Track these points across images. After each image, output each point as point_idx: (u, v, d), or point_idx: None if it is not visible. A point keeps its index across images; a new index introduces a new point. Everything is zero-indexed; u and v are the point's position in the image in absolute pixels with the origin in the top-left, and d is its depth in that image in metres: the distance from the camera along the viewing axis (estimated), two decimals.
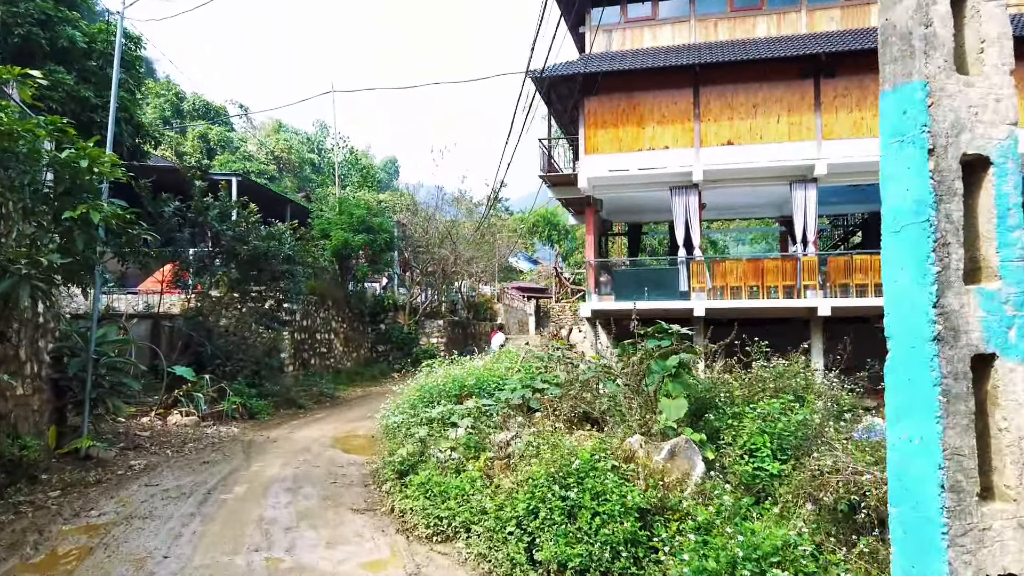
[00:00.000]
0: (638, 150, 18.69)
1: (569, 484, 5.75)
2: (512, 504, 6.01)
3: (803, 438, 6.21)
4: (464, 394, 10.61)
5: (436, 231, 24.53)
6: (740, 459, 6.24)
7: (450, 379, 10.96)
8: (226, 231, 15.62)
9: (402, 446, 8.45)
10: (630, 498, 5.48)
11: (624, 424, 7.02)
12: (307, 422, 14.87)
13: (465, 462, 7.42)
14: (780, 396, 6.91)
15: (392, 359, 23.50)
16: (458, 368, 12.09)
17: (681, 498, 5.73)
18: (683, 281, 18.66)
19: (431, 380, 11.29)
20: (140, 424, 12.84)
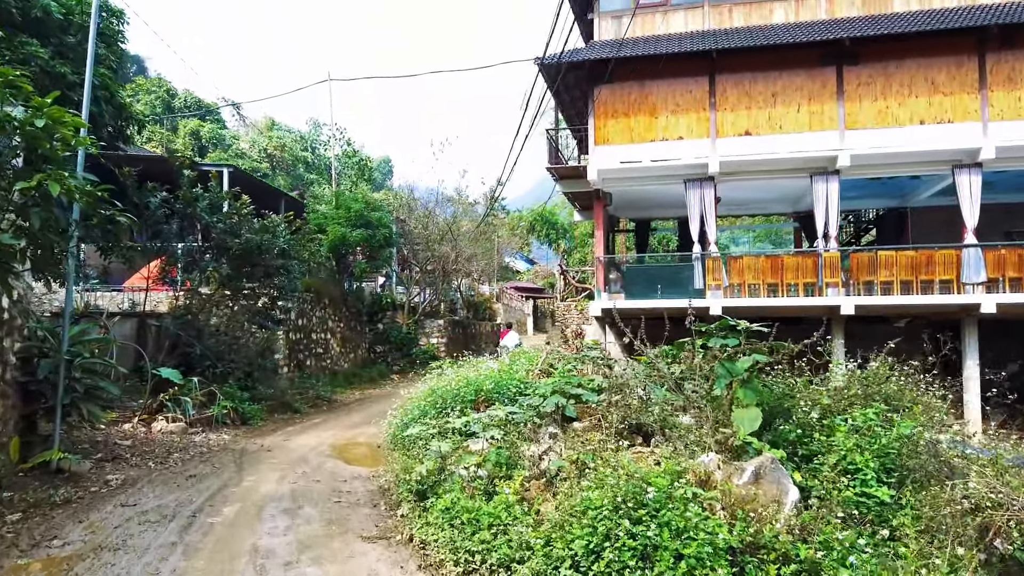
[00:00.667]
0: (651, 141, 17.54)
1: (641, 517, 4.55)
2: (564, 539, 4.81)
3: (911, 456, 5.04)
4: (481, 400, 9.41)
5: (436, 227, 23.28)
6: (835, 482, 5.07)
7: (464, 383, 9.74)
8: (216, 223, 14.34)
9: (419, 462, 7.21)
10: (721, 536, 4.29)
11: (688, 438, 5.82)
12: (304, 428, 13.61)
13: (496, 482, 6.20)
14: (871, 405, 5.74)
15: (391, 360, 22.23)
16: (470, 370, 10.86)
17: (775, 533, 4.55)
18: (698, 278, 17.51)
19: (442, 384, 10.06)
20: (121, 432, 11.54)
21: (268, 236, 14.64)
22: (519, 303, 36.36)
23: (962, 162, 16.02)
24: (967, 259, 15.70)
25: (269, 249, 14.75)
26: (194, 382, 13.11)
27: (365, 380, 19.93)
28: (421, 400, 9.71)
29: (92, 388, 9.56)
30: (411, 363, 22.25)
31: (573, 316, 21.73)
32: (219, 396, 13.31)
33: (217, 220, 14.38)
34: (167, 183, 14.66)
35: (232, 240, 14.21)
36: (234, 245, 14.21)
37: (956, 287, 15.77)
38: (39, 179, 6.04)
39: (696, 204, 17.50)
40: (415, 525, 6.26)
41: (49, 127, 6.07)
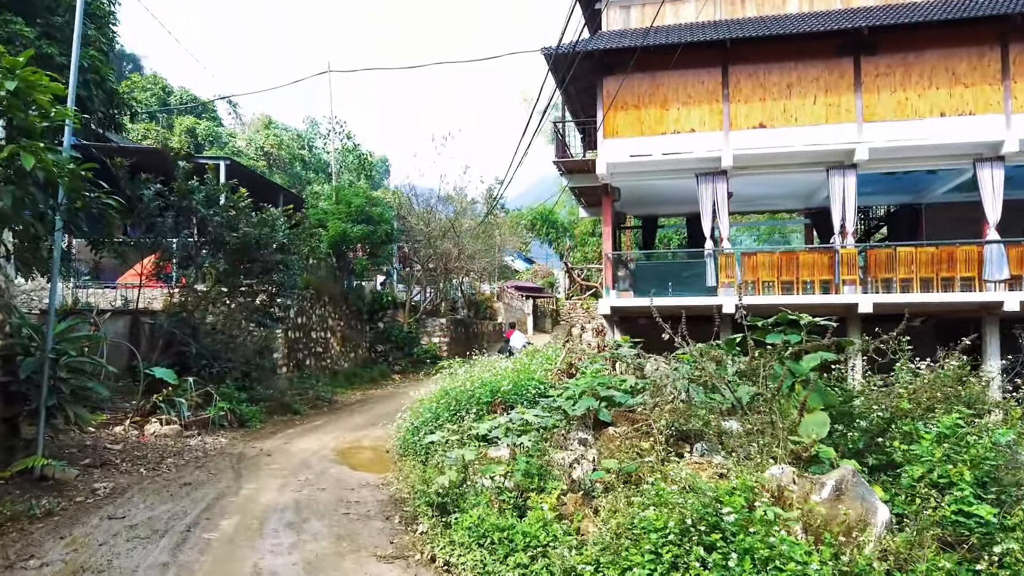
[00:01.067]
0: (661, 133, 16.87)
1: (715, 543, 3.84)
2: (617, 565, 4.10)
3: (1013, 470, 4.35)
4: (498, 402, 8.68)
5: (438, 224, 22.52)
6: (925, 498, 4.37)
7: (478, 383, 9.00)
8: (213, 217, 13.57)
9: (438, 471, 6.46)
10: (813, 567, 3.59)
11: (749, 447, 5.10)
12: (304, 430, 12.86)
13: (527, 495, 5.48)
14: (955, 409, 5.04)
15: (392, 360, 21.46)
16: (483, 370, 10.12)
17: (868, 561, 3.84)
18: (710, 275, 16.84)
19: (455, 385, 9.32)
20: (111, 435, 10.77)
21: (267, 230, 13.88)
22: (519, 302, 35.63)
23: (983, 155, 15.39)
24: (989, 255, 15.08)
25: (268, 244, 14.00)
26: (189, 382, 12.35)
27: (366, 380, 19.17)
28: (433, 402, 8.98)
29: (79, 389, 8.80)
30: (413, 363, 21.50)
31: (579, 315, 21.04)
32: (216, 397, 12.56)
33: (214, 213, 13.61)
34: (162, 176, 13.90)
35: (229, 234, 13.45)
36: (231, 239, 13.45)
37: (978, 284, 15.17)
38: (10, 151, 5.30)
39: (708, 199, 16.82)
40: (437, 544, 5.53)
41: (22, 92, 5.33)
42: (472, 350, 26.84)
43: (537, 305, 38.59)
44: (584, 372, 8.54)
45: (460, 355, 24.70)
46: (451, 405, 8.63)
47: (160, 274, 14.49)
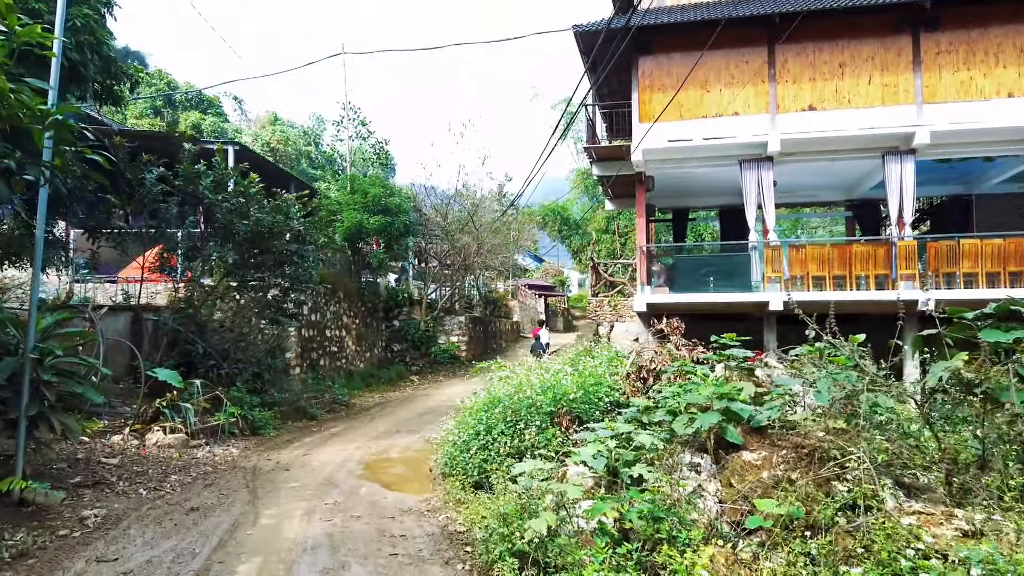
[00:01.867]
0: (702, 117, 15.43)
1: None
2: None
3: None
4: (563, 412, 7.20)
5: (456, 217, 20.99)
6: None
7: (537, 389, 7.50)
8: (222, 203, 12.07)
9: (519, 507, 4.93)
10: None
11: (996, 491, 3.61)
12: (323, 439, 11.38)
13: (654, 546, 4.01)
14: None
15: (409, 360, 19.96)
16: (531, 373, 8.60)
17: None
18: (755, 270, 15.40)
19: (506, 390, 7.80)
20: (108, 446, 9.27)
21: (280, 217, 12.38)
22: (532, 301, 34.14)
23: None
24: None
25: (281, 232, 12.52)
26: (196, 385, 10.86)
27: (383, 381, 17.67)
28: (481, 411, 7.49)
29: (67, 395, 7.31)
30: (430, 363, 20.00)
31: (605, 312, 19.53)
32: (225, 401, 11.07)
33: (222, 199, 12.12)
34: (166, 159, 12.42)
35: (240, 221, 11.95)
36: (242, 228, 11.95)
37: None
38: None
39: (753, 187, 15.36)
40: None
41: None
42: (491, 349, 25.44)
43: (548, 304, 37.13)
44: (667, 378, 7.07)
45: (479, 355, 23.27)
46: (506, 416, 7.14)
47: (164, 267, 12.99)
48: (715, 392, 5.06)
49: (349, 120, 22.74)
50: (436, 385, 18.24)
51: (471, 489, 6.94)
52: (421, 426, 12.52)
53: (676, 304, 15.64)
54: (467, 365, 20.97)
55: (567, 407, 7.18)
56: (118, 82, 10.35)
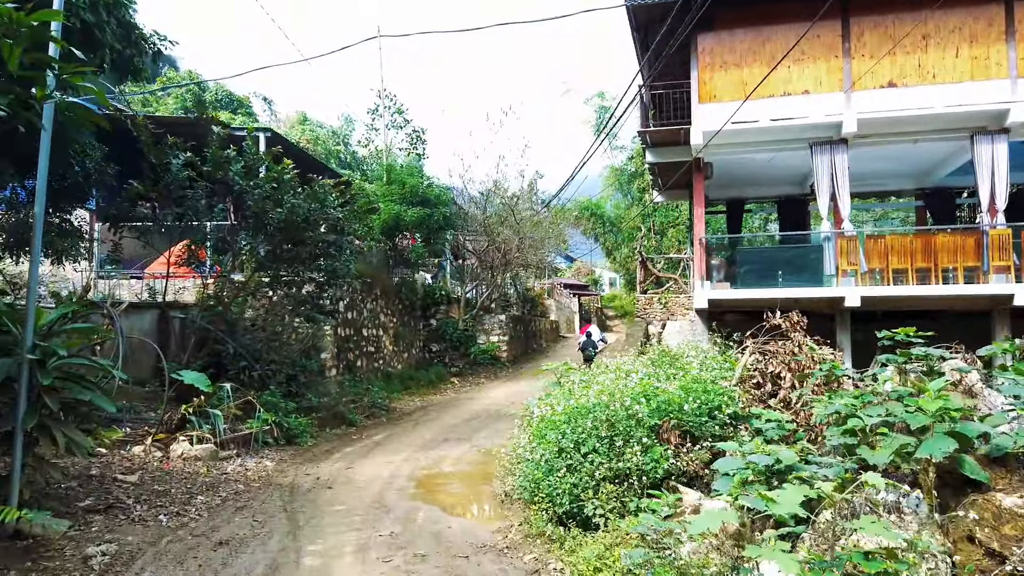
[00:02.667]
0: (768, 96, 13.86)
1: None
2: None
3: None
4: (668, 425, 5.75)
5: (495, 210, 19.57)
6: None
7: (634, 395, 6.03)
8: (253, 190, 10.79)
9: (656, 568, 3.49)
10: None
11: None
12: (365, 448, 10.04)
13: None
14: None
15: (448, 360, 18.60)
16: (616, 377, 7.14)
17: None
18: (828, 262, 13.81)
19: (591, 397, 6.35)
20: (127, 459, 8.01)
21: (317, 205, 11.08)
22: (567, 300, 32.70)
23: None
24: None
25: (317, 222, 11.22)
26: (226, 389, 9.57)
27: (423, 384, 16.32)
28: (564, 423, 6.06)
29: (73, 403, 6.02)
30: (470, 364, 18.61)
31: (656, 311, 18.02)
32: (258, 407, 9.77)
33: (254, 186, 10.84)
34: (192, 143, 11.20)
35: (273, 209, 10.66)
36: (275, 216, 10.66)
37: None
38: None
39: (825, 172, 13.79)
40: None
41: None
42: (531, 349, 24.07)
43: (582, 304, 35.65)
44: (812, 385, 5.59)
45: (519, 355, 21.94)
46: (598, 430, 5.71)
47: (192, 260, 11.76)
48: (941, 408, 3.59)
49: (385, 108, 21.46)
50: (478, 387, 16.86)
51: (557, 520, 5.53)
52: (470, 434, 11.16)
53: (740, 300, 14.15)
54: (508, 366, 19.58)
55: (676, 420, 5.74)
56: (139, 53, 9.09)
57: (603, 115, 35.21)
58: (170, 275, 14.36)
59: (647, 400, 5.85)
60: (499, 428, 11.56)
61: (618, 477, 5.38)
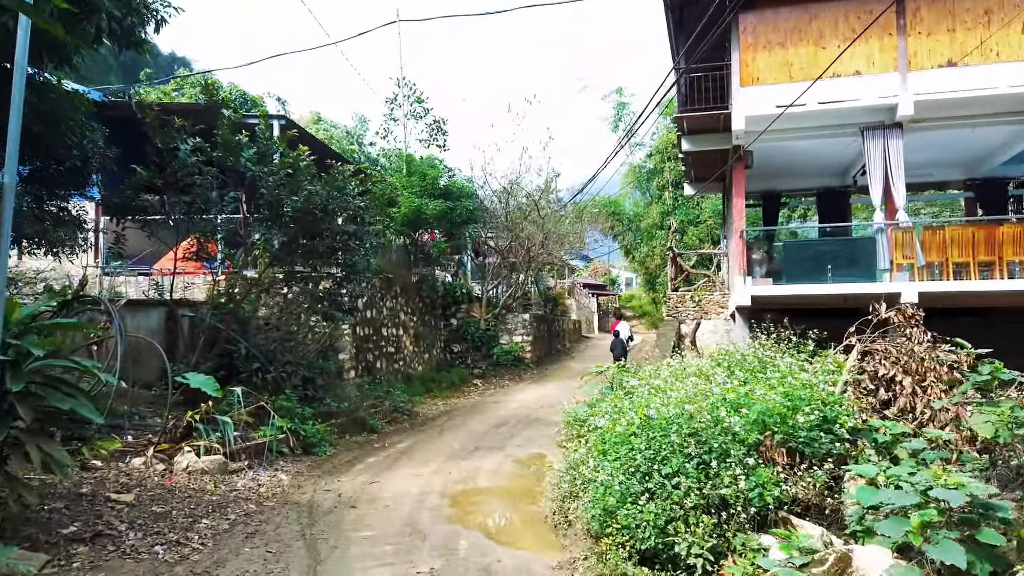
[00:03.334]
0: (816, 78, 12.72)
1: None
2: None
3: None
4: (771, 441, 4.65)
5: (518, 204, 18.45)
6: None
7: (726, 404, 4.92)
8: (267, 177, 9.76)
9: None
10: None
11: None
12: (390, 459, 8.96)
13: None
14: None
15: (471, 361, 17.51)
16: (691, 376, 6.01)
17: None
18: (881, 256, 12.61)
19: (665, 406, 5.25)
20: (126, 473, 6.97)
21: (336, 193, 10.04)
22: (586, 299, 31.59)
23: None
24: None
25: (336, 211, 10.18)
26: (236, 394, 8.51)
27: (444, 386, 15.25)
28: (637, 437, 4.96)
29: (51, 414, 4.99)
30: (493, 365, 17.52)
31: (688, 309, 16.89)
32: (272, 414, 8.72)
33: (268, 172, 9.81)
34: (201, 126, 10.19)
35: (289, 198, 9.63)
36: (291, 205, 9.62)
37: None
38: None
39: (878, 159, 12.62)
40: None
41: None
42: (555, 350, 22.98)
43: (600, 303, 34.51)
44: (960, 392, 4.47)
45: (543, 356, 20.83)
46: (683, 446, 4.61)
47: (201, 254, 10.74)
48: None
49: (404, 97, 20.38)
50: (503, 390, 15.76)
51: (639, 559, 4.42)
52: (502, 442, 10.07)
53: (786, 297, 12.96)
54: (532, 367, 18.48)
55: (780, 434, 4.63)
56: (141, 22, 8.08)
57: (621, 111, 34.05)
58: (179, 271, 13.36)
59: (743, 410, 4.74)
60: (532, 436, 10.48)
61: (716, 506, 4.28)
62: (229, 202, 10.28)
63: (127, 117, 10.53)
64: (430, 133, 20.02)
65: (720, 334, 16.23)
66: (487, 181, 18.36)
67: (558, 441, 9.64)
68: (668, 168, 30.75)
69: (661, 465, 4.59)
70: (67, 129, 8.28)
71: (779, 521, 4.09)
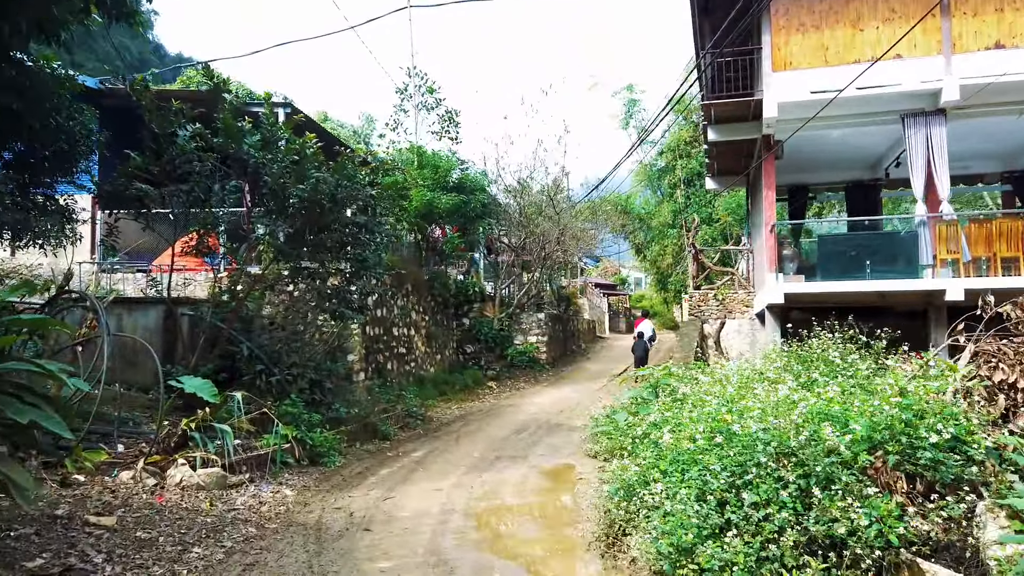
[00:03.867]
0: (854, 62, 11.87)
1: None
2: None
3: None
4: (882, 464, 3.77)
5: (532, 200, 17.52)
6: None
7: (816, 415, 4.05)
8: (271, 165, 8.91)
9: None
10: None
11: None
12: (405, 470, 8.10)
13: None
14: None
15: (484, 363, 16.63)
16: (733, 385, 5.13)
17: None
18: (924, 251, 11.72)
19: (738, 417, 4.36)
20: (110, 489, 6.11)
21: (345, 183, 9.18)
22: (598, 299, 30.69)
23: None
24: None
25: (345, 202, 9.32)
26: (236, 399, 7.64)
27: (458, 388, 14.36)
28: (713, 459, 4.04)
29: (11, 425, 4.13)
30: (507, 366, 16.64)
31: (711, 308, 15.99)
32: (276, 421, 7.85)
33: (272, 159, 8.97)
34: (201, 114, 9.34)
35: (295, 186, 8.78)
36: (297, 194, 8.77)
37: None
38: None
39: (920, 148, 11.75)
40: None
41: None
42: (570, 351, 22.08)
43: (610, 304, 33.61)
44: None
45: (559, 357, 19.92)
46: (772, 468, 3.73)
47: (202, 249, 9.89)
48: None
49: (415, 88, 19.48)
50: (518, 393, 14.88)
51: None
52: (525, 451, 9.18)
53: (821, 294, 12.06)
54: (548, 369, 17.58)
55: (895, 454, 3.75)
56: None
57: (632, 108, 33.15)
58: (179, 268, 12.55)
59: (843, 423, 3.86)
60: (556, 444, 9.60)
61: (823, 546, 3.40)
62: (231, 192, 9.41)
63: (125, 106, 9.65)
64: (442, 125, 19.13)
65: (745, 334, 15.34)
66: (500, 175, 17.49)
67: (586, 450, 8.77)
68: (680, 165, 29.85)
69: (746, 492, 3.71)
70: (52, 108, 7.45)
71: (903, 565, 3.22)
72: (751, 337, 15.13)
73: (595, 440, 8.84)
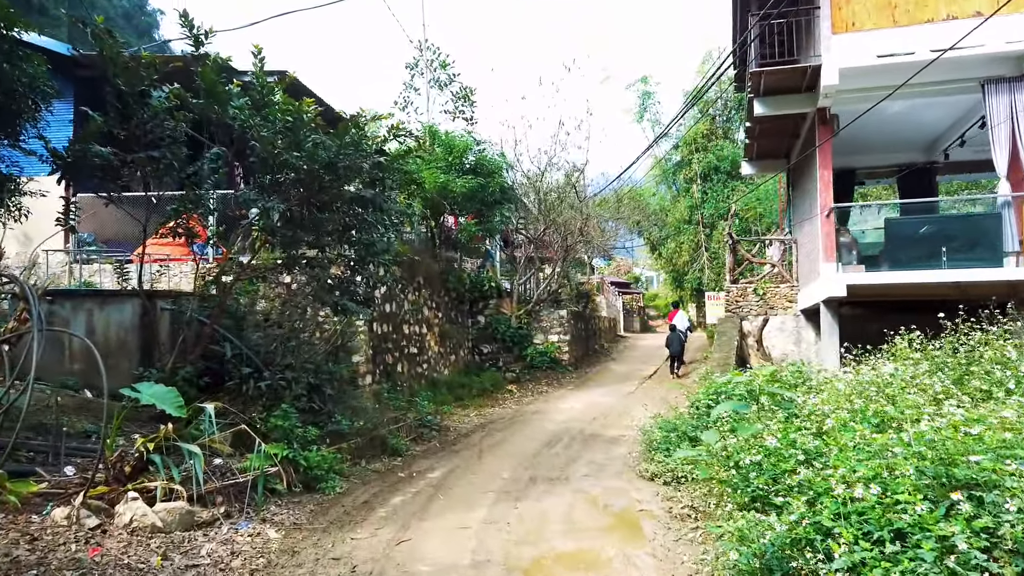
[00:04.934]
0: (926, 21, 10.21)
1: None
2: None
3: None
4: None
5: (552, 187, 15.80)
6: None
7: None
8: (260, 130, 7.23)
9: None
10: None
11: None
12: (422, 499, 6.38)
13: None
14: None
15: (502, 364, 14.90)
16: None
17: None
18: (1009, 235, 10.01)
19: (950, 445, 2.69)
20: (31, 537, 4.44)
21: (349, 151, 7.49)
22: (613, 297, 28.99)
23: None
24: None
25: (349, 172, 7.64)
26: (207, 413, 5.87)
27: (475, 392, 12.63)
28: (896, 512, 2.41)
29: None
30: (527, 367, 14.91)
31: (750, 304, 14.27)
32: (257, 440, 6.13)
33: (262, 123, 7.29)
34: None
35: (290, 155, 7.10)
36: (292, 162, 7.09)
37: None
38: None
39: (1004, 117, 10.04)
40: None
41: None
42: (592, 350, 20.36)
43: (624, 303, 31.89)
44: None
45: (581, 357, 18.20)
46: None
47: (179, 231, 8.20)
48: None
49: (427, 64, 17.75)
50: (542, 397, 13.16)
51: None
52: (563, 469, 7.47)
53: (888, 286, 10.37)
54: (571, 371, 15.86)
55: None
56: None
57: (646, 101, 31.50)
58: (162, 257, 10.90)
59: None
60: (598, 460, 7.89)
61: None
62: (211, 160, 7.72)
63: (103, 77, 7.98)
64: (456, 104, 17.39)
65: (789, 333, 13.61)
66: (519, 161, 15.76)
67: (639, 471, 7.07)
68: (697, 160, 28.17)
69: None
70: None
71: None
72: (796, 335, 13.42)
73: (648, 458, 7.15)
